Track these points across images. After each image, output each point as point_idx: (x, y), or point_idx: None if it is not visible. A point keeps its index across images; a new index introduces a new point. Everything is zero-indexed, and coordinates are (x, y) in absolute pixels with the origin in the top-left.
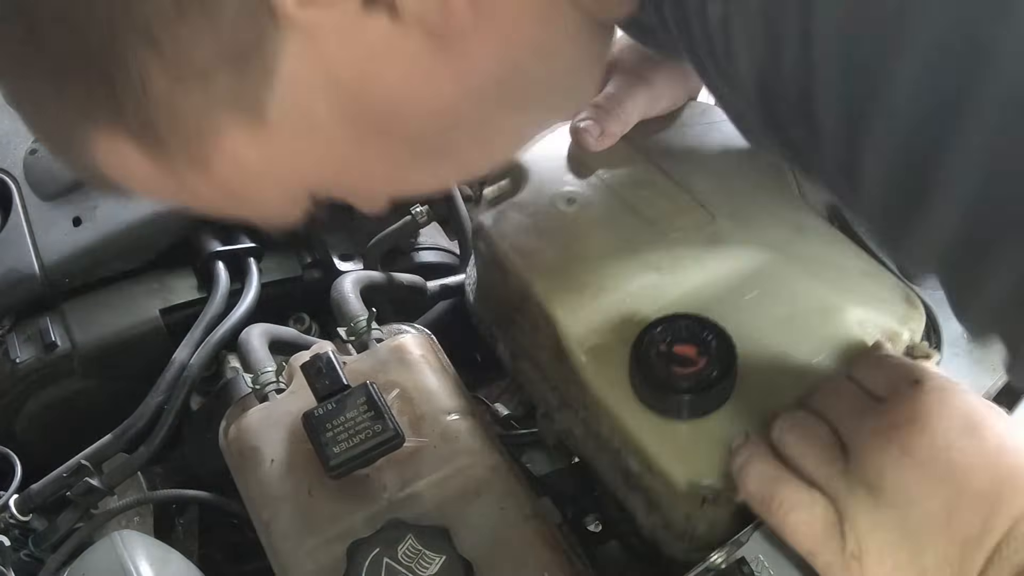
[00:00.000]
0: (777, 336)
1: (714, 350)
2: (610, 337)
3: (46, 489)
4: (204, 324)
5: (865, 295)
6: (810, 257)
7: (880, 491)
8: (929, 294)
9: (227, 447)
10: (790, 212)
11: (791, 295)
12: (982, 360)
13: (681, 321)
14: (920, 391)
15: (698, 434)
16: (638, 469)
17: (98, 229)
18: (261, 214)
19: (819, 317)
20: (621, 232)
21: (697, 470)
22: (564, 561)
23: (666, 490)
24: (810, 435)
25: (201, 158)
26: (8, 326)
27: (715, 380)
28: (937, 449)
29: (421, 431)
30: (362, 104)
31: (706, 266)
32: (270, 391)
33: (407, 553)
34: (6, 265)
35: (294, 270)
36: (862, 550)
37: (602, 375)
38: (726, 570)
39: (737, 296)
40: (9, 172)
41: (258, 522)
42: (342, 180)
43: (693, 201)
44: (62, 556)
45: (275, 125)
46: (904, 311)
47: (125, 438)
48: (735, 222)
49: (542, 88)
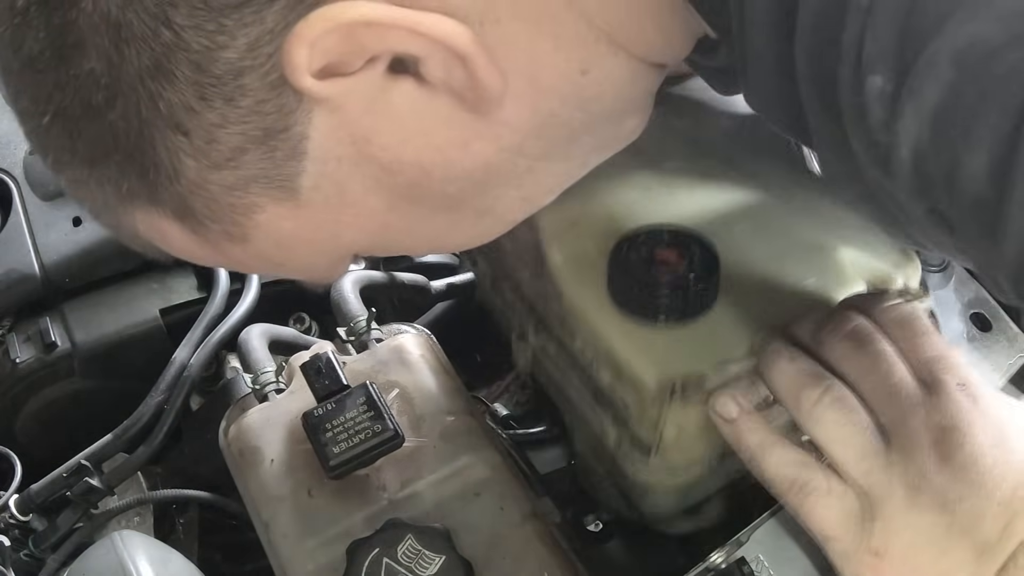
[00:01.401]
0: (765, 259)
1: (696, 255)
2: (590, 245)
3: (46, 489)
4: (204, 324)
5: (861, 241)
6: (807, 204)
7: (918, 493)
8: (929, 293)
9: (227, 447)
10: (796, 174)
11: (783, 230)
12: (982, 360)
13: (664, 230)
14: (965, 393)
15: (674, 341)
16: (609, 380)
17: (98, 229)
18: (304, 276)
19: (810, 251)
20: (618, 158)
21: (670, 371)
22: (564, 561)
23: (636, 396)
24: (853, 422)
25: (239, 234)
26: (8, 326)
27: (695, 281)
28: (974, 457)
29: (421, 431)
30: (395, 173)
31: (697, 195)
32: (270, 391)
33: (407, 553)
34: (6, 265)
35: None
36: (888, 548)
37: (579, 281)
38: (726, 570)
39: (726, 226)
40: (9, 172)
41: (258, 522)
42: (382, 243)
43: (696, 145)
44: (62, 556)
45: (309, 199)
46: (899, 258)
47: (125, 438)
48: (735, 168)
49: (584, 136)
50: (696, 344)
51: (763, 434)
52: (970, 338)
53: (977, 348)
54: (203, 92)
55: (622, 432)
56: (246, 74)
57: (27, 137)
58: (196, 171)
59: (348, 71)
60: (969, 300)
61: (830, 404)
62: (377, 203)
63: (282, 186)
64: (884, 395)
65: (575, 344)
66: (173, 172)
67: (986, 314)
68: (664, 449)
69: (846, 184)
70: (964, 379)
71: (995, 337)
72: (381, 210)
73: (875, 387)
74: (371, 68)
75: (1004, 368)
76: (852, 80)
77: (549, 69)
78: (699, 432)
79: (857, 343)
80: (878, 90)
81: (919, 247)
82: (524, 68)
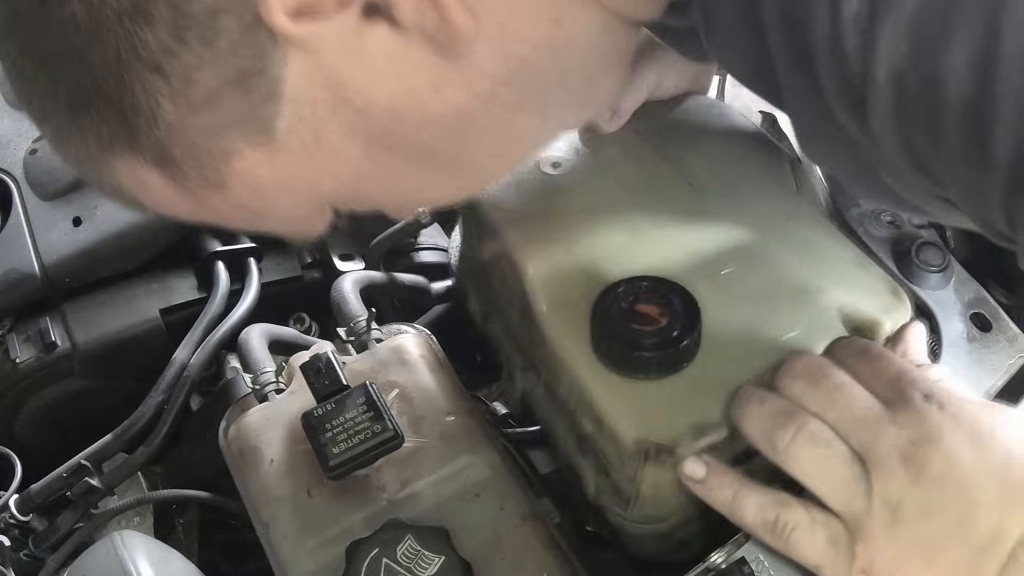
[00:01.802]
0: (749, 309)
1: (678, 310)
2: (575, 293)
3: (46, 489)
4: (204, 324)
5: (850, 282)
6: (796, 240)
7: (899, 508)
8: (929, 294)
9: (227, 447)
10: (781, 199)
11: (769, 271)
12: (982, 360)
13: (645, 282)
14: (931, 404)
15: (654, 395)
16: (591, 430)
17: (98, 229)
18: (284, 229)
19: (796, 296)
20: (602, 197)
21: (648, 430)
22: (563, 561)
23: (615, 450)
24: (831, 455)
25: (217, 180)
26: (8, 326)
27: (675, 339)
28: (950, 464)
29: (420, 431)
30: (370, 118)
31: (685, 235)
32: (270, 391)
33: (406, 553)
34: (6, 265)
35: (294, 270)
36: (873, 565)
37: (563, 329)
38: (726, 570)
39: (713, 268)
40: (9, 172)
41: (258, 522)
42: (360, 194)
43: (680, 178)
44: (62, 556)
45: (285, 144)
46: (889, 302)
47: (125, 438)
48: (721, 201)
49: (557, 88)
50: (677, 399)
51: (735, 486)
52: (970, 338)
53: (977, 348)
54: (180, 33)
55: (603, 481)
56: (222, 15)
57: (12, 86)
58: (174, 114)
59: (322, 13)
60: (969, 300)
61: (804, 441)
62: (352, 150)
63: (259, 130)
64: (851, 423)
65: (560, 389)
66: (152, 116)
67: (986, 314)
68: (642, 502)
69: (819, 138)
70: (928, 390)
71: (995, 337)
72: (356, 158)
73: (840, 417)
74: (345, 11)
75: (1004, 368)
76: (825, 13)
77: (521, 15)
78: (675, 489)
79: (812, 380)
80: (854, 14)
81: (895, 203)
82: (496, 13)
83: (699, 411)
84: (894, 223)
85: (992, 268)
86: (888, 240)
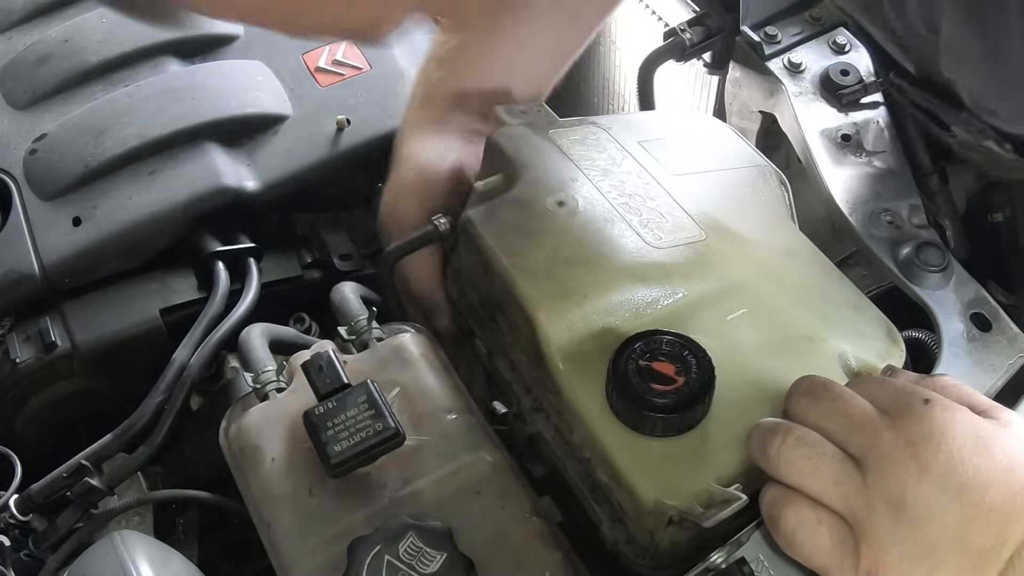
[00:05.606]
0: (757, 360)
1: (693, 370)
2: (590, 346)
3: (46, 489)
4: (204, 324)
5: (848, 327)
6: (797, 283)
7: (902, 507)
8: (929, 294)
9: (227, 446)
10: (782, 235)
11: (774, 320)
12: (982, 360)
13: (662, 338)
14: (931, 408)
15: (670, 453)
16: (606, 481)
17: (98, 229)
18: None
19: (800, 346)
20: (610, 241)
21: (665, 489)
22: (565, 559)
23: (632, 506)
24: (818, 453)
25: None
26: (8, 326)
27: (691, 401)
28: (952, 465)
29: (422, 429)
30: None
31: (692, 282)
32: (270, 390)
33: (408, 551)
34: (6, 265)
35: (294, 270)
36: (879, 567)
37: (579, 384)
38: (726, 570)
39: (721, 315)
40: (9, 172)
41: (259, 521)
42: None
43: (686, 216)
44: (62, 556)
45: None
46: (885, 347)
47: (125, 438)
48: (726, 241)
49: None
50: (693, 457)
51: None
52: (970, 338)
53: (977, 348)
54: None
55: (619, 529)
56: None
57: None
58: None
59: None
60: (969, 300)
61: (794, 444)
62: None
63: None
64: (848, 428)
65: (573, 437)
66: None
67: (986, 314)
68: (660, 556)
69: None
70: (928, 396)
71: (995, 337)
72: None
73: (839, 425)
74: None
75: (1004, 368)
76: None
77: None
78: (695, 543)
79: (813, 396)
80: None
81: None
82: None
83: (717, 468)
84: (894, 223)
85: (992, 268)
86: (888, 240)
